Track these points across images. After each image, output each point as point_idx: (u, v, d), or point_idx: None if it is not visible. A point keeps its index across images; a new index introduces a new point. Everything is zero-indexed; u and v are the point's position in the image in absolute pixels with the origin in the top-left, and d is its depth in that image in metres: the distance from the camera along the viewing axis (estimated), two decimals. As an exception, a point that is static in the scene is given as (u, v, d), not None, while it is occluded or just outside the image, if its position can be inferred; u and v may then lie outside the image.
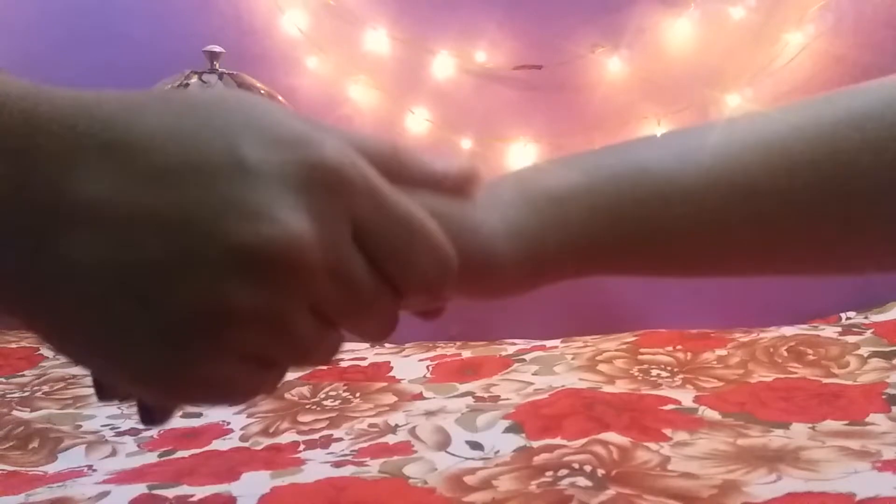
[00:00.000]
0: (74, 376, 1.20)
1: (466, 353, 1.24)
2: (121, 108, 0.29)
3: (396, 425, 0.94)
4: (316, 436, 0.94)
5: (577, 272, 0.40)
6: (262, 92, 1.37)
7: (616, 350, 1.18)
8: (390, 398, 1.05)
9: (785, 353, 1.12)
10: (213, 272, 0.28)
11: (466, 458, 0.82)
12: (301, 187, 0.29)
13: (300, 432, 0.95)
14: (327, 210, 0.29)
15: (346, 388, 1.09)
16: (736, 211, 0.37)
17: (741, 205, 0.37)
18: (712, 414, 0.93)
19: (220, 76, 1.35)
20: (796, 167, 0.37)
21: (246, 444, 0.93)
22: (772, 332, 1.21)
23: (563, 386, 1.04)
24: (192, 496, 0.74)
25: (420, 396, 1.05)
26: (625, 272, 0.41)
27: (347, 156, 0.30)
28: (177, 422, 0.99)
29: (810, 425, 0.88)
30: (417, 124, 1.61)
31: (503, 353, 1.23)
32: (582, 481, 0.72)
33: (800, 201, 0.37)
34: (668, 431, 0.85)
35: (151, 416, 0.36)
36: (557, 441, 0.83)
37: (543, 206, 0.38)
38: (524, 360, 1.19)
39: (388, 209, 0.31)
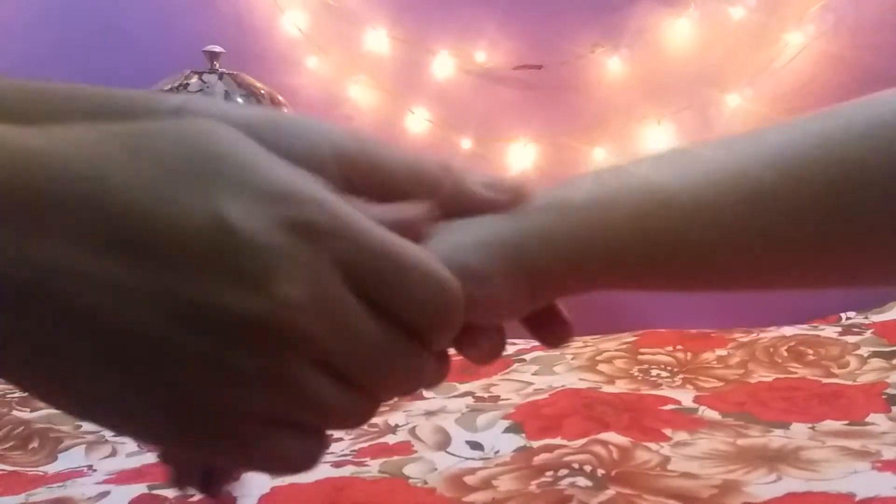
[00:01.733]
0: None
1: (466, 353, 1.24)
2: (79, 158, 0.27)
3: (396, 425, 0.94)
4: (316, 436, 0.94)
5: (577, 286, 0.39)
6: (263, 92, 1.37)
7: (616, 350, 1.18)
8: (390, 398, 1.05)
9: (785, 353, 1.12)
10: (207, 344, 0.27)
11: (466, 458, 0.82)
12: (285, 246, 0.28)
13: (300, 432, 0.95)
14: (313, 265, 0.29)
15: (346, 388, 1.09)
16: (750, 223, 0.37)
17: (755, 217, 0.37)
18: (712, 414, 0.93)
19: (220, 76, 1.35)
20: (813, 176, 0.36)
21: (246, 444, 0.93)
22: (772, 332, 1.21)
23: (563, 386, 1.04)
24: (192, 496, 0.74)
25: (420, 396, 1.05)
26: (628, 286, 0.40)
27: (322, 201, 0.30)
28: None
29: (810, 425, 0.88)
30: (417, 124, 1.61)
31: (503, 353, 1.23)
32: (582, 481, 0.72)
33: (814, 211, 0.37)
34: (667, 431, 0.85)
35: (210, 483, 0.35)
36: (557, 441, 0.83)
37: (540, 215, 0.37)
38: (524, 359, 1.19)
39: (371, 247, 0.30)
